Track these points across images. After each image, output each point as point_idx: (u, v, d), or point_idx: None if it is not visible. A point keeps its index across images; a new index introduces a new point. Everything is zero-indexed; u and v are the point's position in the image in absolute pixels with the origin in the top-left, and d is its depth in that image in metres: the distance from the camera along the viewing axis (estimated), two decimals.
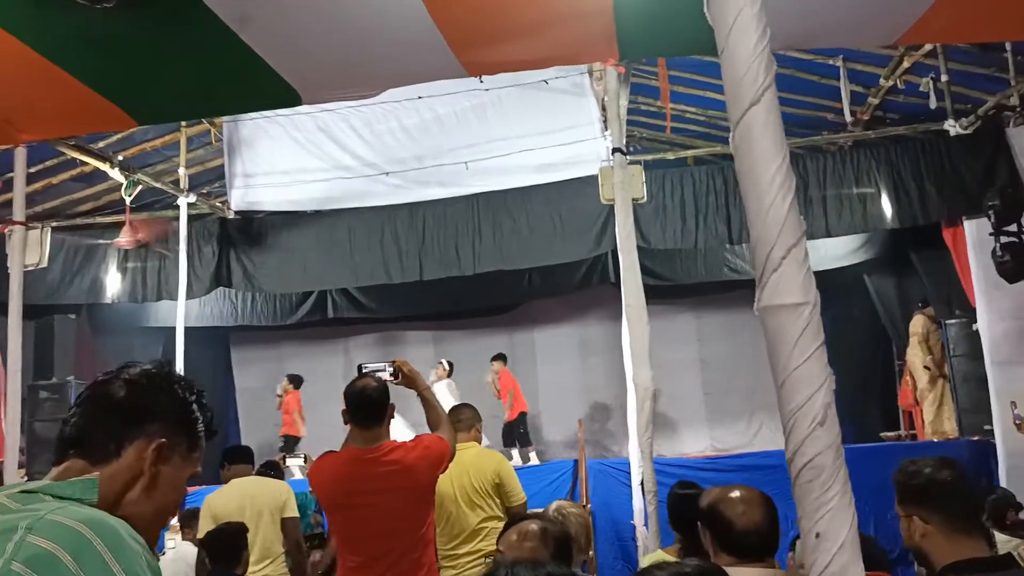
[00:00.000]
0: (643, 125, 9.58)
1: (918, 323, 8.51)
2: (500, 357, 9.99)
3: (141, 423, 1.27)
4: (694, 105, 8.98)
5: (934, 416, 8.26)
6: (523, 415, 9.69)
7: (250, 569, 4.36)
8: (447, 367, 9.90)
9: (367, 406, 3.11)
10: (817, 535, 0.97)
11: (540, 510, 3.23)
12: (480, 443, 4.23)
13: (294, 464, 8.44)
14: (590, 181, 7.50)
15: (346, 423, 3.20)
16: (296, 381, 9.98)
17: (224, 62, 3.25)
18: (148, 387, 1.31)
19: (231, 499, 4.80)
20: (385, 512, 3.06)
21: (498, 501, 3.96)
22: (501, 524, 3.84)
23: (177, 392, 1.34)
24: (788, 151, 1.07)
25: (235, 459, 5.36)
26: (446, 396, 9.34)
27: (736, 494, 2.43)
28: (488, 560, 3.60)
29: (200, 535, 4.70)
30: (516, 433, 9.54)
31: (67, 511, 1.10)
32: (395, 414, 3.26)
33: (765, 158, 1.05)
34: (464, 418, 4.08)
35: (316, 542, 5.28)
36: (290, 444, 9.40)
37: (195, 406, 1.35)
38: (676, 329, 10.29)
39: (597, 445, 10.49)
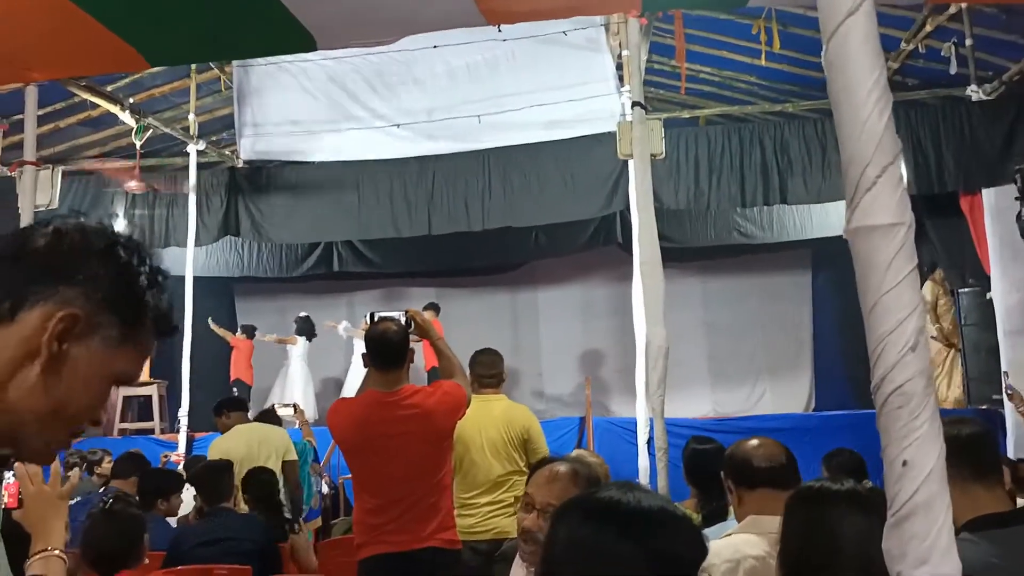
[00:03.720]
0: (656, 85, 9.46)
1: (927, 290, 8.46)
2: (432, 307, 9.79)
3: (55, 281, 0.92)
4: (709, 65, 8.85)
5: (941, 386, 8.27)
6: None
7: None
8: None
9: (388, 349, 3.11)
10: (904, 463, 0.95)
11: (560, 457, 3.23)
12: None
13: (285, 413, 8.48)
14: (602, 139, 7.43)
15: (366, 366, 3.19)
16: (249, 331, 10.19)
17: (240, 3, 3.18)
18: (79, 241, 0.96)
19: (240, 444, 5.07)
20: (403, 456, 3.07)
21: (523, 455, 3.98)
22: (524, 478, 3.85)
23: (119, 255, 0.97)
24: (885, 66, 1.02)
25: (234, 407, 5.74)
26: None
27: (752, 439, 2.54)
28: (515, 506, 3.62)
29: None
30: None
31: None
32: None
33: (862, 71, 1.00)
34: (497, 372, 4.12)
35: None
36: (241, 389, 9.45)
37: (143, 280, 0.98)
38: (682, 292, 10.24)
39: (597, 405, 10.51)
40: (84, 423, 0.98)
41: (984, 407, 7.47)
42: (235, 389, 9.26)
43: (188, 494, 4.70)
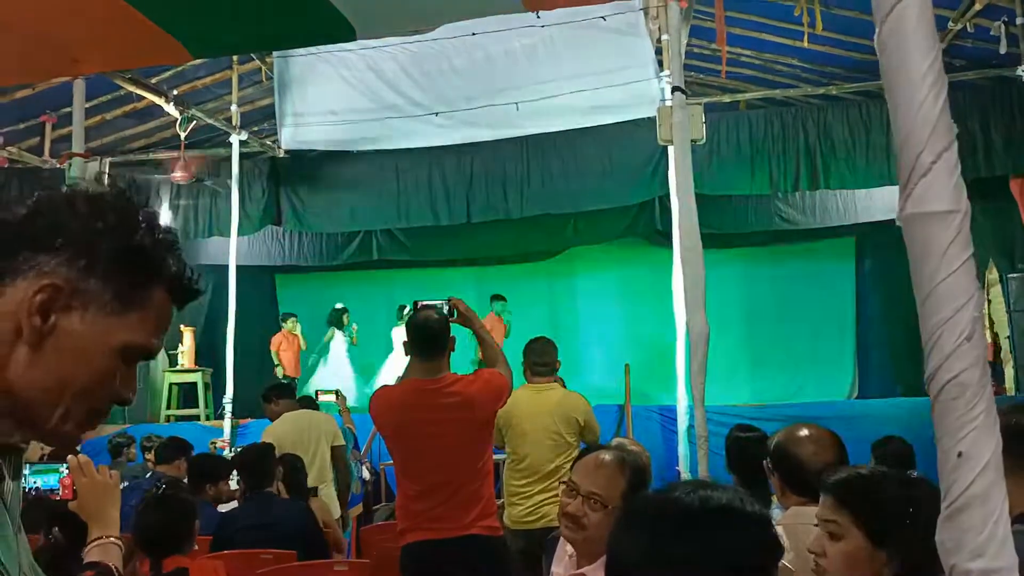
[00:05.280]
0: (696, 69, 9.33)
1: None
2: (498, 297, 9.81)
3: (33, 251, 0.86)
4: (750, 48, 8.71)
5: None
6: None
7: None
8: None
9: (429, 337, 3.13)
10: (959, 454, 0.93)
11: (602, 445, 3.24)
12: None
13: (327, 399, 8.58)
14: (642, 124, 7.37)
15: (407, 354, 3.22)
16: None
17: None
18: (61, 207, 0.88)
19: (291, 430, 5.13)
20: (445, 443, 3.09)
21: (578, 443, 3.99)
22: None
23: (106, 217, 0.89)
24: (940, 49, 1.00)
25: (282, 394, 5.76)
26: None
27: (805, 433, 2.42)
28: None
29: None
30: None
31: None
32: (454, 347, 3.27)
33: (916, 54, 0.97)
34: (550, 360, 4.13)
35: None
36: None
37: (137, 240, 0.89)
38: (722, 279, 10.12)
39: (637, 392, 10.47)
40: (103, 403, 0.91)
41: None
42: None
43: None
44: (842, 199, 9.44)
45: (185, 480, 4.54)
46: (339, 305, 10.46)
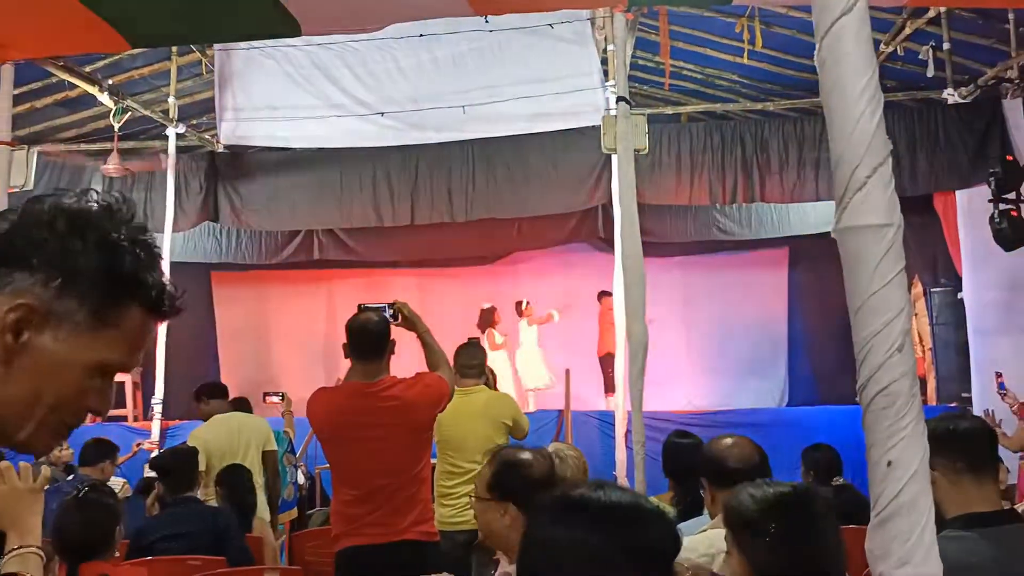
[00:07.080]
0: (641, 80, 9.47)
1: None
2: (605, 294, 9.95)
3: (9, 269, 0.88)
4: (693, 62, 8.88)
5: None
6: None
7: None
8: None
9: (368, 340, 3.10)
10: (889, 463, 0.96)
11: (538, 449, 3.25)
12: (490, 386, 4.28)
13: (272, 401, 8.37)
14: (587, 132, 7.44)
15: (346, 357, 3.17)
16: None
17: None
18: (40, 222, 0.90)
19: (220, 433, 4.97)
20: (382, 447, 3.06)
21: (507, 442, 3.99)
22: None
23: (88, 235, 0.90)
24: (877, 67, 1.03)
25: (213, 395, 5.54)
26: None
27: (726, 438, 2.57)
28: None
29: None
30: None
31: None
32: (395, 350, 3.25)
33: (854, 71, 1.00)
34: (477, 363, 4.11)
35: None
36: None
37: (113, 258, 0.90)
38: (661, 286, 10.29)
39: (576, 398, 10.54)
40: (75, 417, 0.94)
41: (953, 404, 7.58)
42: None
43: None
44: (777, 211, 9.69)
45: (108, 482, 4.37)
46: (486, 305, 10.12)
